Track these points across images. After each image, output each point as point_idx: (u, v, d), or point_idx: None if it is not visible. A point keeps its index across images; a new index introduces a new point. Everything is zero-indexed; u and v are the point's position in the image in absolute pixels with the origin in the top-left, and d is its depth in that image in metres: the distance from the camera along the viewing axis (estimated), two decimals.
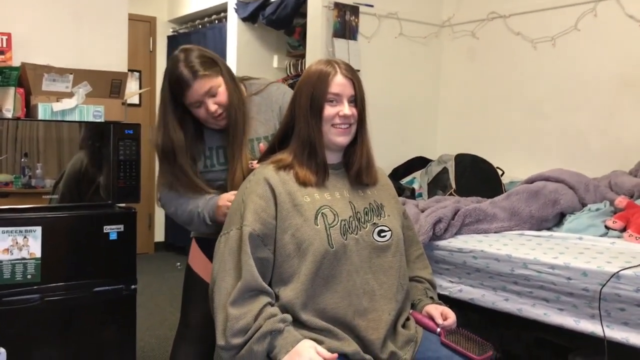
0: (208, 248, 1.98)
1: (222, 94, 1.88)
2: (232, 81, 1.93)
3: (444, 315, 1.69)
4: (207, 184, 1.93)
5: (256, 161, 1.82)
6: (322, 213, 1.59)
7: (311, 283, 1.54)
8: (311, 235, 1.55)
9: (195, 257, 2.07)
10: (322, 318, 1.54)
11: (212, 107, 1.86)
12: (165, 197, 1.99)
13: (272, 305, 1.53)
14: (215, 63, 1.89)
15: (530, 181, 2.65)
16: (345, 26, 3.54)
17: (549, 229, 2.51)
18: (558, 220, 2.55)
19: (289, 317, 1.51)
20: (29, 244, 2.20)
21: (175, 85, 1.85)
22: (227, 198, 1.84)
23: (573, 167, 2.77)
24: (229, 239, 1.58)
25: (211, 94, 1.86)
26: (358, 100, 1.67)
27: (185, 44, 1.98)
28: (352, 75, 1.67)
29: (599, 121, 3.21)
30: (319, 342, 1.49)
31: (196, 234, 2.08)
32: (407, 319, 1.69)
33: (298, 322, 1.53)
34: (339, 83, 1.63)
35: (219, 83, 1.87)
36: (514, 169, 3.35)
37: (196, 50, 1.89)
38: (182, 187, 1.92)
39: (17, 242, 2.18)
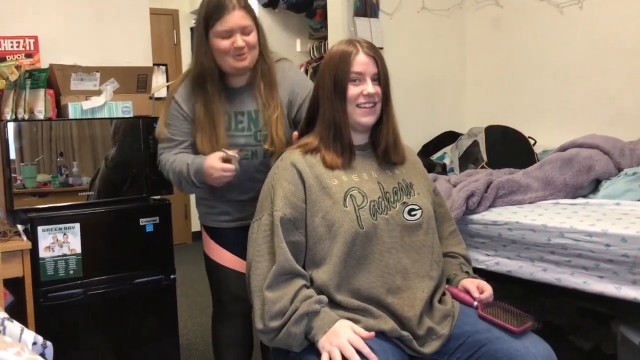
0: (216, 235, 2.07)
1: (253, 37, 1.89)
2: (263, 38, 1.96)
3: (480, 289, 1.68)
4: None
5: (296, 132, 1.82)
6: (351, 195, 1.59)
7: (343, 264, 1.55)
8: (341, 217, 1.56)
9: (207, 244, 2.12)
10: (357, 298, 1.55)
11: (240, 42, 1.86)
12: (164, 158, 1.99)
13: (308, 287, 1.54)
14: (255, 16, 1.93)
15: (563, 149, 2.60)
16: (365, 4, 3.50)
17: (584, 196, 2.46)
18: (594, 187, 2.50)
19: (324, 298, 1.52)
20: (69, 241, 2.27)
21: (215, 8, 1.86)
22: (210, 165, 1.81)
23: (607, 131, 2.70)
24: (261, 225, 1.60)
25: (244, 32, 1.87)
26: (382, 78, 1.66)
27: None
28: (374, 53, 1.65)
29: (631, 83, 3.11)
30: (356, 322, 1.49)
31: (204, 223, 2.11)
32: (443, 294, 1.68)
33: (333, 303, 1.54)
34: (361, 62, 1.63)
35: (252, 28, 1.89)
36: (546, 138, 3.29)
37: None
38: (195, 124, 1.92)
39: (57, 240, 2.25)
